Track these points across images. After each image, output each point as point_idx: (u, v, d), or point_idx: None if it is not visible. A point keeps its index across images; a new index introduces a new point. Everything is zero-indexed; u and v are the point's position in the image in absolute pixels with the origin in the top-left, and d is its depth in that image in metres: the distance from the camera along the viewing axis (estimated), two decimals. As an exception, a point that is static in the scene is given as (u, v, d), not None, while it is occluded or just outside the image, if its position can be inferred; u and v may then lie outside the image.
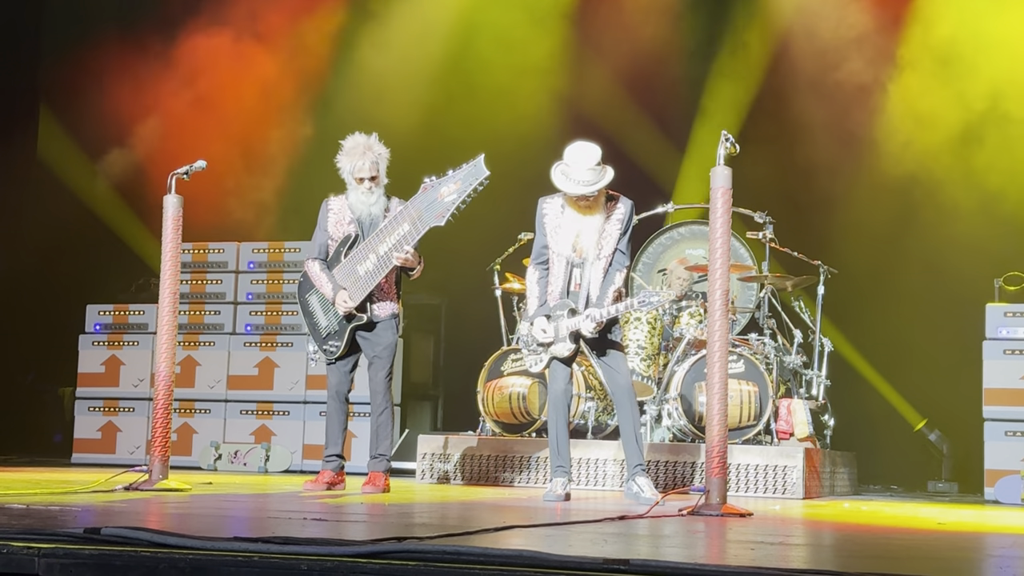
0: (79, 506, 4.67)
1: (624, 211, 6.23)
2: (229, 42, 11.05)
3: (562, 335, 6.20)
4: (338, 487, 6.68)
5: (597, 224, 6.19)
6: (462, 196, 6.30)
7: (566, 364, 6.34)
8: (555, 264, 6.29)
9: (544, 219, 6.33)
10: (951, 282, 9.22)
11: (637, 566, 2.95)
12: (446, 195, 6.31)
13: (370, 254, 6.53)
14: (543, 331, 6.24)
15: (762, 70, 10.14)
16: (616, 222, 6.21)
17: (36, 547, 3.09)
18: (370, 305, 6.58)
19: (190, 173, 6.45)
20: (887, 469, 9.64)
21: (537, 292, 6.36)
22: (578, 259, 6.23)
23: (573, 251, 6.21)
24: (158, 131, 10.99)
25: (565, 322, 6.18)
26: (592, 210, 6.20)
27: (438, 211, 6.33)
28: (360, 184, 6.61)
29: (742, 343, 8.10)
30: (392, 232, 6.47)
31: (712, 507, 5.35)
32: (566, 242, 6.23)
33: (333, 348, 6.65)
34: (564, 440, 6.35)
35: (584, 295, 6.21)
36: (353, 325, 6.59)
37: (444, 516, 5.09)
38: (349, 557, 3.03)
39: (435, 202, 6.34)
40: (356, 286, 6.56)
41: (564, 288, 6.26)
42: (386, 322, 6.63)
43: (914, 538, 4.71)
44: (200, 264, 10.12)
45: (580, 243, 6.20)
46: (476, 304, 9.45)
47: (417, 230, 6.41)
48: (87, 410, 10.06)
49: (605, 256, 6.19)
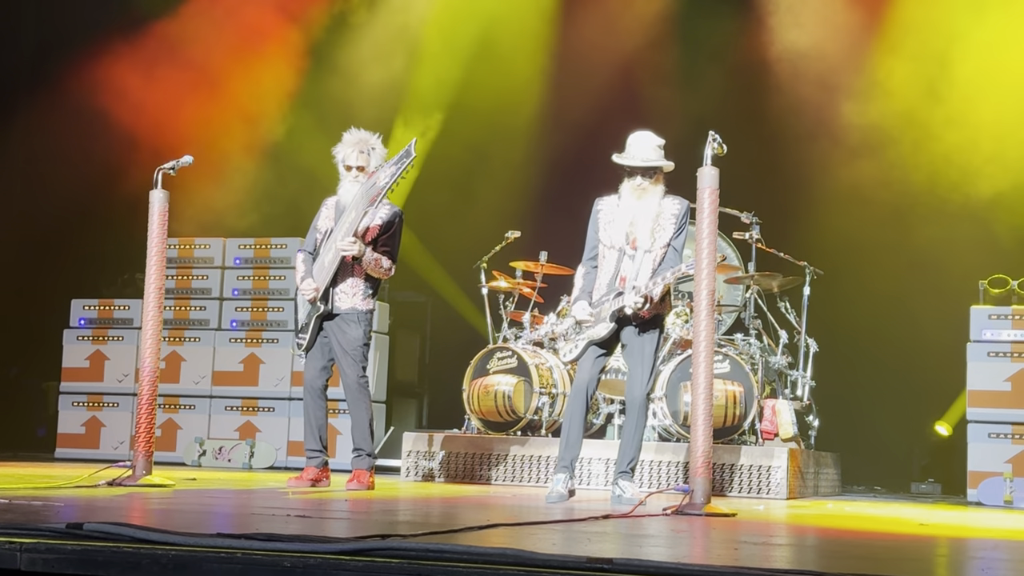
0: (62, 501, 4.65)
1: (680, 209, 6.14)
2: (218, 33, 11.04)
3: (604, 315, 6.11)
4: (322, 484, 6.68)
5: (652, 214, 6.12)
6: (392, 179, 6.41)
7: (600, 352, 6.19)
8: (605, 258, 6.20)
9: (599, 215, 6.26)
10: (936, 284, 9.25)
11: (620, 565, 2.95)
12: (380, 179, 6.42)
13: (332, 245, 6.60)
14: (583, 310, 6.15)
15: (749, 70, 10.17)
16: (671, 217, 6.12)
17: (18, 542, 3.07)
18: (332, 293, 6.61)
19: (176, 168, 6.45)
20: (871, 470, 9.67)
21: (582, 284, 6.27)
22: (631, 250, 6.12)
23: (627, 241, 6.14)
24: (146, 124, 10.95)
25: (610, 303, 6.09)
26: (648, 197, 6.14)
27: (372, 195, 6.44)
28: (348, 172, 6.67)
29: (728, 343, 8.11)
30: (346, 223, 6.55)
31: (696, 507, 5.35)
32: (620, 231, 6.15)
33: (302, 340, 6.73)
34: (576, 432, 6.18)
35: (630, 287, 6.06)
36: (317, 315, 6.63)
37: (428, 514, 5.09)
38: (332, 554, 3.02)
39: (371, 187, 6.46)
40: (320, 275, 6.64)
41: (612, 280, 6.15)
42: (348, 315, 6.62)
43: (897, 539, 4.72)
44: (186, 259, 10.10)
45: (634, 232, 6.12)
46: (462, 302, 9.45)
47: (358, 215, 6.49)
48: (71, 405, 10.03)
49: (657, 248, 6.09)
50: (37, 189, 11.29)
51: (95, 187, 11.00)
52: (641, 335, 6.13)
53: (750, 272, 8.51)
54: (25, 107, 11.55)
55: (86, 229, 11.00)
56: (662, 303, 6.13)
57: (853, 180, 9.74)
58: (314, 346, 6.70)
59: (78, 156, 11.06)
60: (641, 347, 6.14)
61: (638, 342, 6.13)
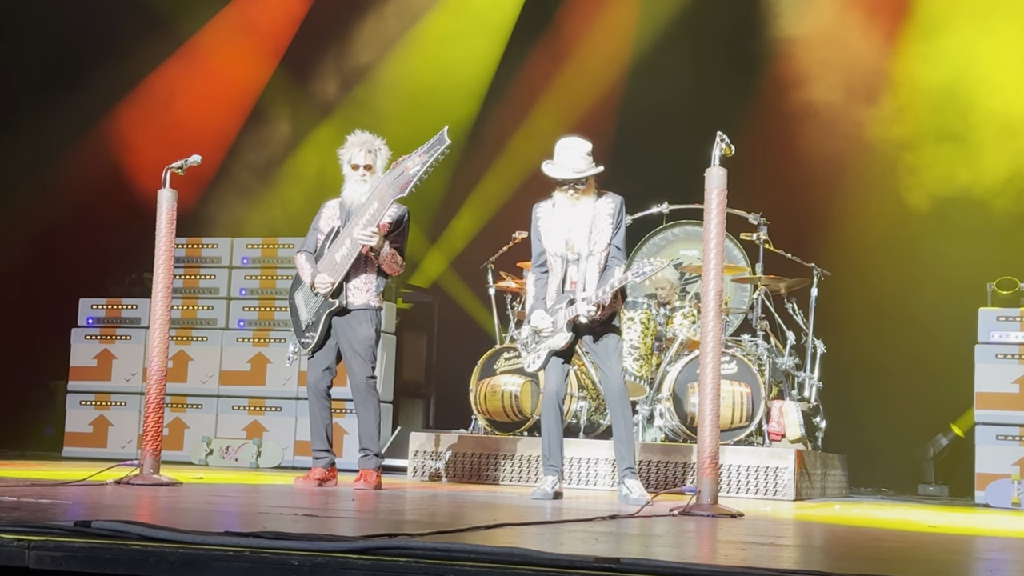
0: (70, 499, 4.66)
1: (614, 206, 6.21)
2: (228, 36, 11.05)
3: (560, 325, 6.20)
4: (329, 483, 6.68)
5: (587, 218, 6.18)
6: (425, 166, 6.33)
7: (563, 359, 6.33)
8: (552, 265, 6.31)
9: (538, 223, 6.35)
10: (944, 286, 9.23)
11: (628, 565, 2.95)
12: (411, 167, 6.36)
13: (346, 239, 6.56)
14: (542, 319, 6.24)
15: (759, 73, 10.16)
16: (607, 217, 6.19)
17: (26, 539, 3.07)
18: (346, 287, 6.59)
19: (185, 168, 6.45)
20: (878, 472, 9.65)
21: (534, 292, 6.39)
22: (572, 255, 6.22)
23: (566, 247, 6.21)
24: (154, 123, 10.98)
25: (564, 311, 6.18)
26: (582, 203, 6.19)
27: (401, 183, 6.37)
28: (355, 171, 6.65)
29: (735, 344, 8.11)
30: (363, 214, 6.50)
31: (703, 507, 5.35)
32: (559, 239, 6.24)
33: (309, 339, 6.69)
34: (556, 439, 6.36)
35: (580, 291, 6.19)
36: (328, 311, 6.60)
37: (435, 513, 5.09)
38: (340, 553, 3.02)
39: (400, 176, 6.39)
40: (333, 271, 6.59)
41: (560, 286, 6.26)
42: (360, 312, 6.61)
43: (904, 540, 4.72)
44: (194, 259, 10.12)
45: (572, 238, 6.20)
46: (469, 302, 9.45)
47: (384, 205, 6.45)
48: (79, 404, 10.04)
49: (598, 251, 6.18)
50: (45, 188, 11.31)
51: (103, 186, 11.02)
52: (601, 335, 6.25)
53: (757, 273, 8.50)
54: (34, 106, 11.58)
55: (94, 228, 11.02)
56: (614, 301, 6.21)
57: (861, 181, 9.72)
58: (321, 346, 6.69)
59: (86, 155, 11.08)
60: (604, 345, 6.26)
61: (600, 341, 6.27)
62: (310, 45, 11.24)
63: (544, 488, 6.24)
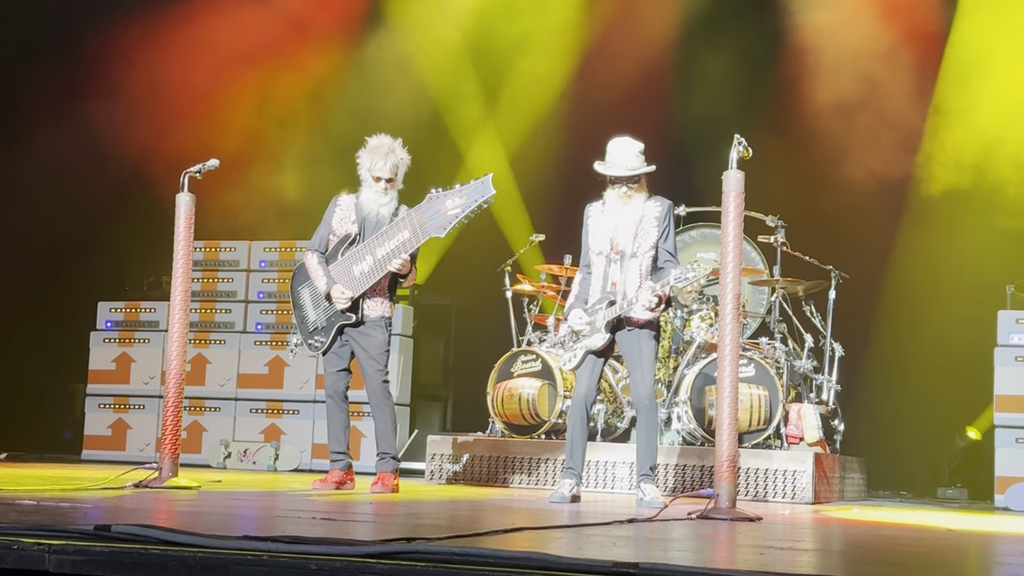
0: (89, 503, 4.68)
1: (661, 209, 6.24)
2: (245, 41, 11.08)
3: (598, 325, 6.21)
4: (347, 486, 6.69)
5: (635, 218, 6.21)
6: (466, 211, 6.33)
7: (599, 358, 6.31)
8: (595, 264, 6.33)
9: (588, 221, 6.39)
10: (962, 288, 9.20)
11: (646, 570, 2.94)
12: (450, 208, 6.34)
13: (367, 255, 6.55)
14: (579, 319, 6.25)
15: (777, 74, 10.13)
16: (653, 220, 6.22)
17: (46, 543, 3.09)
18: (362, 303, 6.60)
19: (203, 171, 6.47)
20: (897, 475, 9.62)
21: (578, 290, 6.42)
22: (615, 255, 6.23)
23: (611, 247, 6.23)
24: (172, 127, 11.01)
25: (603, 312, 6.19)
26: (633, 202, 6.22)
27: (440, 223, 6.36)
28: (376, 183, 6.63)
29: (753, 347, 8.09)
30: (392, 237, 6.50)
31: (721, 511, 5.34)
32: (604, 238, 6.26)
33: (318, 343, 6.72)
34: (578, 443, 6.35)
35: (621, 293, 6.19)
36: (340, 323, 6.61)
37: (453, 517, 5.09)
38: (358, 557, 3.02)
39: (438, 213, 6.37)
40: (351, 285, 6.59)
41: (603, 286, 6.28)
42: (375, 322, 6.63)
43: (923, 544, 4.70)
44: (212, 262, 10.15)
45: (617, 237, 6.22)
46: (486, 305, 9.45)
47: (417, 238, 6.46)
48: (97, 407, 10.08)
49: (641, 253, 6.19)
50: (63, 192, 11.36)
51: (121, 190, 11.06)
52: (637, 338, 6.23)
53: (775, 276, 8.48)
54: (52, 110, 11.62)
55: (112, 232, 11.06)
56: (657, 307, 6.19)
57: (879, 183, 9.69)
58: (330, 350, 6.70)
59: (105, 159, 11.12)
60: (638, 349, 6.24)
61: (634, 345, 6.24)
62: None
63: (562, 492, 6.24)
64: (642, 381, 6.23)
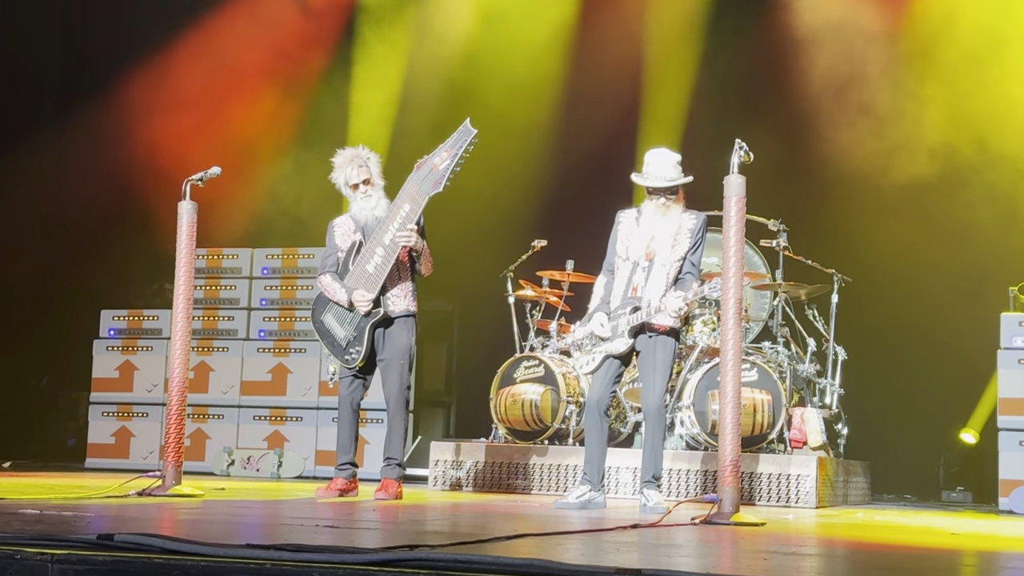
0: (92, 511, 4.68)
1: (696, 222, 6.27)
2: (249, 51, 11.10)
3: (621, 330, 6.22)
4: (350, 494, 6.69)
5: (672, 229, 6.23)
6: (455, 160, 6.34)
7: (617, 363, 6.31)
8: (621, 270, 6.34)
9: (619, 227, 6.40)
10: (965, 291, 9.19)
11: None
12: (440, 164, 6.37)
13: (377, 248, 6.54)
14: (601, 325, 6.27)
15: (777, 75, 10.13)
16: (688, 232, 6.25)
17: (49, 553, 3.09)
18: (383, 298, 6.58)
19: (205, 179, 6.48)
20: (901, 478, 9.61)
21: (602, 294, 6.41)
22: (646, 262, 6.25)
23: (645, 255, 6.25)
24: (176, 135, 11.02)
25: (627, 317, 6.21)
26: (671, 212, 6.25)
27: (434, 179, 6.37)
28: (356, 191, 6.66)
29: (755, 351, 8.08)
30: (394, 218, 6.49)
31: (724, 516, 5.33)
32: (640, 245, 6.27)
33: (355, 353, 6.61)
34: (593, 449, 6.32)
35: (645, 299, 6.20)
36: (371, 323, 6.57)
37: (456, 524, 5.09)
38: (361, 565, 3.02)
39: (430, 173, 6.39)
40: (369, 283, 6.57)
41: (626, 291, 6.29)
42: (401, 320, 6.61)
43: (927, 550, 4.69)
44: (214, 270, 10.15)
45: (653, 246, 6.24)
46: (489, 311, 9.45)
47: (418, 204, 6.43)
48: (101, 415, 10.08)
49: (670, 262, 6.22)
50: (65, 200, 11.37)
51: (123, 198, 11.07)
52: (655, 345, 6.23)
53: (777, 280, 8.48)
54: (54, 119, 11.64)
55: (115, 240, 11.07)
56: (678, 316, 6.19)
57: (881, 187, 9.68)
58: (367, 358, 6.63)
59: (106, 167, 11.14)
60: (654, 355, 6.23)
61: (653, 351, 6.24)
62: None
63: (568, 498, 6.22)
64: (653, 389, 6.22)
